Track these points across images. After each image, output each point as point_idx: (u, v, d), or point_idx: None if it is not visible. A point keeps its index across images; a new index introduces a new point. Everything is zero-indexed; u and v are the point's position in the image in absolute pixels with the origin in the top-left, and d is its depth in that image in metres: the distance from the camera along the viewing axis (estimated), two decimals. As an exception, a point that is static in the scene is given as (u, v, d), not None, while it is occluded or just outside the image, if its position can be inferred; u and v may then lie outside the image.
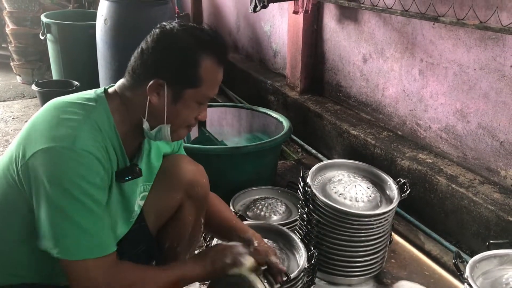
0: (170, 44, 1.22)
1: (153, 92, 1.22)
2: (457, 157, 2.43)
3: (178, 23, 1.26)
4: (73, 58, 3.87)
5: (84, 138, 1.14)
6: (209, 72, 1.25)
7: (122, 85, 1.28)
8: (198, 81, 1.24)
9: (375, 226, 1.88)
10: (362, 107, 3.06)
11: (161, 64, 1.22)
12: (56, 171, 1.11)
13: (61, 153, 1.12)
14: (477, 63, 2.23)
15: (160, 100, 1.23)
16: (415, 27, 2.53)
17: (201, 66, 1.23)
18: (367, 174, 2.12)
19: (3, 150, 3.19)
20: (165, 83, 1.22)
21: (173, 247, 1.56)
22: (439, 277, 2.07)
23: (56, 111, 1.20)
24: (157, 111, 1.25)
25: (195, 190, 1.54)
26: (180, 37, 1.23)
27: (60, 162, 1.11)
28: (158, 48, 1.22)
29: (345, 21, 3.07)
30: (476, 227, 2.15)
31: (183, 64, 1.22)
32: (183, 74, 1.23)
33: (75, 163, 1.12)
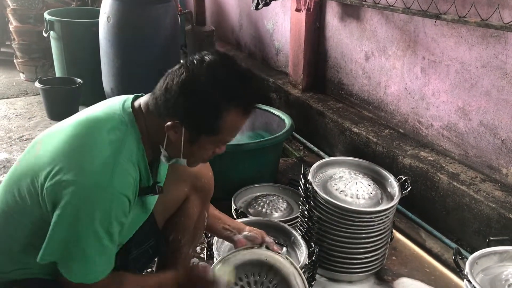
0: (193, 92, 1.18)
1: (170, 130, 1.21)
2: (458, 155, 2.43)
3: (208, 63, 1.18)
4: (76, 56, 3.88)
5: (120, 177, 1.17)
6: (231, 122, 1.21)
7: (146, 106, 1.26)
8: (218, 131, 1.21)
9: (375, 223, 1.89)
10: (364, 105, 3.06)
11: (182, 110, 1.19)
12: (87, 206, 1.14)
13: (95, 191, 1.15)
14: (479, 61, 2.23)
15: (177, 138, 1.23)
16: (417, 25, 2.53)
17: (223, 118, 1.19)
18: (368, 172, 2.13)
19: (6, 147, 3.21)
20: (182, 126, 1.20)
21: (177, 240, 1.59)
22: (440, 274, 2.08)
23: (90, 136, 1.21)
24: (174, 146, 1.25)
25: (201, 183, 1.58)
26: (204, 85, 1.17)
27: (92, 199, 1.15)
28: (180, 93, 1.18)
29: (347, 18, 3.07)
30: (477, 225, 2.15)
31: (203, 114, 1.19)
32: (202, 123, 1.20)
33: (107, 204, 1.16)
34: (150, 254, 1.57)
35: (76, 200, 1.14)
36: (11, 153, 3.12)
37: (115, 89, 3.51)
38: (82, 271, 1.19)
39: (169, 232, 1.60)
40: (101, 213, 1.15)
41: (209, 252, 1.90)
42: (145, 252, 1.55)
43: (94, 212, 1.14)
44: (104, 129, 1.22)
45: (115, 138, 1.20)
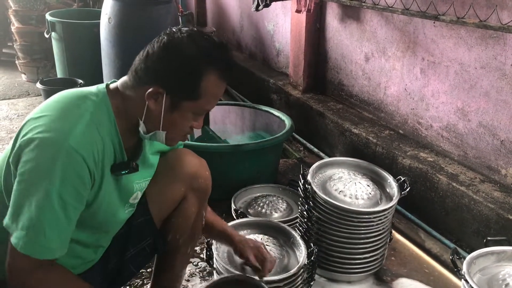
0: (175, 54, 1.21)
1: (151, 98, 1.22)
2: (458, 156, 2.43)
3: (187, 32, 1.24)
4: (77, 56, 3.90)
5: (77, 137, 1.15)
6: (210, 87, 1.24)
7: (124, 83, 1.29)
8: (198, 95, 1.23)
9: (374, 223, 1.89)
10: (364, 105, 3.07)
11: (163, 73, 1.21)
12: (40, 161, 1.12)
13: (49, 145, 1.13)
14: (478, 62, 2.23)
15: (158, 107, 1.23)
16: (416, 26, 2.54)
17: (202, 80, 1.22)
18: (368, 172, 2.13)
19: (8, 147, 3.22)
20: (164, 92, 1.21)
21: (175, 239, 1.59)
22: (439, 274, 2.08)
23: (57, 103, 1.22)
24: (153, 116, 1.25)
25: (198, 182, 1.57)
26: (186, 48, 1.21)
27: (45, 154, 1.13)
28: (162, 56, 1.20)
29: (347, 20, 3.08)
30: (476, 225, 2.16)
31: (184, 77, 1.21)
32: (183, 86, 1.22)
33: (59, 160, 1.12)
34: (147, 253, 1.58)
35: (31, 155, 1.12)
36: (12, 153, 3.14)
37: (116, 90, 3.53)
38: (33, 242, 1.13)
39: (167, 232, 1.59)
40: (53, 170, 1.11)
41: (208, 252, 1.90)
42: (142, 250, 1.55)
43: (45, 168, 1.12)
44: (74, 98, 1.23)
45: (81, 103, 1.21)
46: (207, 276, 2.02)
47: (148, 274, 1.98)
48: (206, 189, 1.62)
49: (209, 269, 2.04)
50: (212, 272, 1.99)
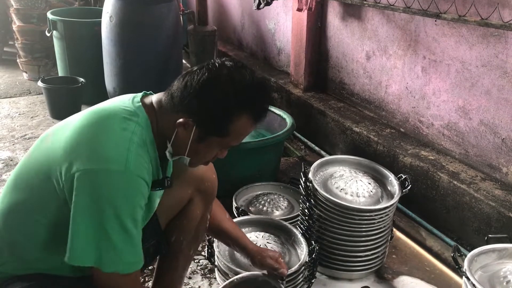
0: (211, 93, 1.22)
1: (181, 127, 1.25)
2: (459, 154, 2.44)
3: (228, 68, 1.24)
4: (78, 55, 3.90)
5: (135, 161, 1.18)
6: (241, 127, 1.26)
7: (159, 102, 1.30)
8: (227, 134, 1.25)
9: (376, 221, 1.90)
10: (365, 104, 3.07)
11: (197, 107, 1.22)
12: (106, 192, 1.15)
13: (112, 176, 1.16)
14: (480, 60, 2.24)
15: (186, 136, 1.26)
16: (418, 25, 2.54)
17: (234, 122, 1.24)
18: (369, 170, 2.14)
19: (9, 146, 3.23)
20: (194, 124, 1.24)
21: (179, 241, 1.59)
22: (439, 272, 2.08)
23: (102, 125, 1.23)
24: (180, 143, 1.28)
25: (204, 185, 1.58)
26: (222, 87, 1.22)
27: (111, 185, 1.15)
28: (198, 91, 1.22)
29: (348, 18, 3.09)
30: (477, 224, 2.16)
31: (216, 115, 1.23)
32: (213, 123, 1.24)
33: (125, 188, 1.17)
34: (151, 253, 1.58)
35: (94, 188, 1.15)
36: (14, 151, 3.14)
37: (117, 88, 3.53)
38: (113, 260, 1.18)
39: (171, 233, 1.60)
40: (122, 198, 1.16)
41: (210, 250, 1.91)
42: (146, 251, 1.55)
43: (114, 198, 1.15)
44: (115, 118, 1.24)
45: (127, 126, 1.22)
46: (209, 274, 2.03)
47: (150, 272, 1.99)
48: (212, 192, 1.63)
49: (211, 266, 2.04)
50: (214, 270, 1.99)
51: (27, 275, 1.29)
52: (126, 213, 1.17)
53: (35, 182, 1.25)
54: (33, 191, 1.25)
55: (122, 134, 1.21)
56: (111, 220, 1.16)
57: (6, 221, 1.29)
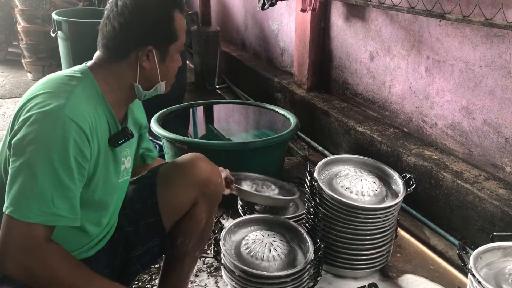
0: (144, 10, 1.28)
1: (144, 60, 1.30)
2: (462, 154, 2.45)
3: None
4: (83, 55, 3.82)
5: (71, 107, 1.18)
6: (180, 23, 1.34)
7: (101, 58, 1.33)
8: (176, 34, 1.34)
9: (381, 219, 1.91)
10: (369, 104, 3.09)
11: (144, 32, 1.29)
12: (39, 134, 1.13)
13: (44, 117, 1.14)
14: (483, 61, 2.25)
15: (151, 63, 1.32)
16: (421, 25, 2.56)
17: (175, 20, 1.32)
18: (373, 169, 2.15)
19: (15, 145, 3.25)
20: (152, 48, 1.30)
21: (185, 244, 1.59)
22: (444, 271, 2.10)
23: (51, 82, 1.25)
24: (149, 74, 1.34)
25: (209, 189, 1.57)
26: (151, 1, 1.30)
27: (44, 127, 1.14)
28: (134, 17, 1.27)
29: (352, 19, 3.10)
30: (481, 222, 2.17)
31: (162, 25, 1.31)
32: (164, 34, 1.32)
33: (59, 130, 1.14)
34: (155, 253, 1.59)
35: (28, 129, 1.13)
36: (19, 151, 3.16)
37: (122, 89, 3.55)
38: (38, 208, 1.10)
39: (176, 236, 1.60)
40: (54, 140, 1.13)
41: (216, 247, 1.93)
42: (150, 250, 1.57)
43: (46, 140, 1.13)
44: (61, 77, 1.26)
45: (69, 82, 1.24)
46: (215, 272, 2.04)
47: (156, 270, 2.01)
48: (217, 196, 1.63)
49: (217, 264, 2.06)
50: (220, 268, 2.01)
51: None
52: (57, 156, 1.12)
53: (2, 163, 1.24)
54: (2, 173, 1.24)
55: (64, 86, 1.22)
56: (40, 161, 1.11)
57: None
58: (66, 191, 1.15)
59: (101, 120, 1.27)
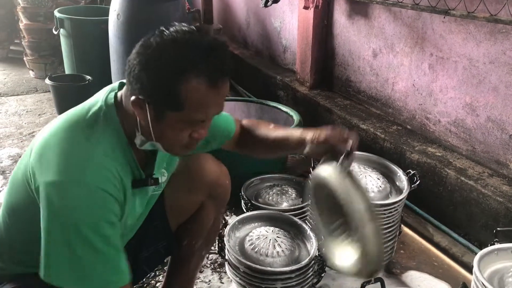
0: (154, 61, 1.07)
1: (136, 107, 1.11)
2: (466, 151, 2.45)
3: (172, 36, 1.08)
4: (85, 53, 3.92)
5: (95, 172, 1.08)
6: (195, 95, 1.07)
7: (124, 91, 1.18)
8: (180, 105, 1.08)
9: (385, 215, 1.91)
10: (372, 101, 3.08)
11: (143, 80, 1.08)
12: (63, 207, 1.05)
13: (69, 189, 1.06)
14: (487, 57, 2.25)
15: (144, 115, 1.11)
16: (425, 22, 2.55)
17: (181, 89, 1.06)
18: (377, 166, 2.15)
19: (18, 143, 3.25)
20: (146, 101, 1.09)
21: (191, 245, 1.59)
22: (447, 267, 2.10)
23: (66, 135, 1.14)
24: (145, 127, 1.15)
25: (217, 191, 1.56)
26: (162, 53, 1.07)
27: (68, 198, 1.06)
28: (143, 62, 1.08)
29: (355, 16, 3.10)
30: (485, 219, 2.17)
31: (161, 85, 1.07)
32: (161, 96, 1.08)
33: (85, 200, 1.06)
34: (161, 254, 1.58)
35: (52, 202, 1.06)
36: (22, 148, 3.17)
37: (124, 86, 3.55)
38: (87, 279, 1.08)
39: (183, 237, 1.60)
40: (83, 212, 1.05)
41: (220, 243, 1.92)
42: (156, 251, 1.56)
43: (74, 213, 1.05)
44: (81, 126, 1.15)
45: (91, 135, 1.13)
46: (219, 268, 2.04)
47: (160, 266, 2.01)
48: (225, 198, 1.62)
49: (221, 260, 2.06)
50: (223, 264, 2.01)
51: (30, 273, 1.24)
52: (88, 229, 1.05)
53: (20, 188, 1.20)
54: (20, 194, 1.21)
55: (85, 144, 1.11)
56: (74, 237, 1.05)
57: (6, 222, 1.26)
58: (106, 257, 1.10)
59: (124, 168, 1.17)
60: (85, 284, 1.08)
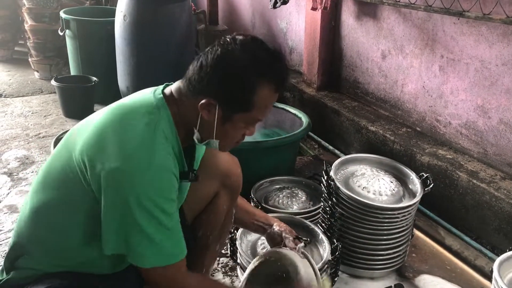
0: (228, 68, 1.19)
1: (204, 109, 1.22)
2: (477, 153, 2.43)
3: (241, 41, 1.22)
4: (91, 54, 3.91)
5: (159, 154, 1.18)
6: (264, 99, 1.22)
7: (178, 90, 1.28)
8: (251, 107, 1.21)
9: (399, 219, 1.89)
10: (380, 103, 3.07)
11: (216, 85, 1.20)
12: (134, 190, 1.14)
13: (139, 173, 1.14)
14: (500, 59, 2.23)
15: (211, 118, 1.23)
16: (435, 24, 2.54)
17: (256, 93, 1.20)
18: (389, 169, 2.13)
19: (24, 144, 3.23)
20: (217, 104, 1.20)
21: (206, 236, 1.59)
22: (460, 271, 2.08)
23: (124, 121, 1.22)
24: (207, 126, 1.26)
25: (230, 180, 1.58)
26: (240, 61, 1.19)
27: (138, 182, 1.14)
28: (216, 69, 1.19)
29: (363, 17, 3.08)
30: (497, 222, 2.15)
31: (237, 90, 1.20)
32: (235, 99, 1.21)
33: (153, 182, 1.16)
34: None
35: (122, 187, 1.14)
36: (29, 150, 3.15)
37: (130, 88, 3.54)
38: (154, 253, 1.19)
39: (197, 228, 1.60)
40: (151, 192, 1.15)
41: (232, 247, 1.91)
42: None
43: (142, 194, 1.14)
44: (137, 113, 1.23)
45: (149, 121, 1.21)
46: (230, 272, 2.02)
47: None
48: (238, 187, 1.63)
49: (231, 264, 2.04)
50: (235, 268, 1.99)
51: (58, 273, 1.29)
52: (159, 208, 1.16)
53: (64, 180, 1.25)
54: (62, 189, 1.26)
55: (145, 129, 1.19)
56: (144, 216, 1.15)
57: (38, 218, 1.29)
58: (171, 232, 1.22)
59: (175, 156, 1.26)
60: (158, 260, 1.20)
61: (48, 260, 1.30)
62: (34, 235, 1.30)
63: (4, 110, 3.83)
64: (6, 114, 3.75)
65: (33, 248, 1.31)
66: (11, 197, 2.58)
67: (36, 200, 1.30)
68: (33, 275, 1.30)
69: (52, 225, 1.28)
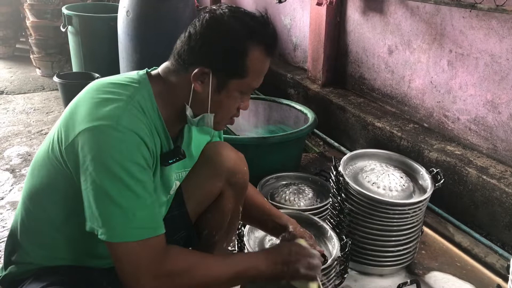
0: (219, 31, 1.17)
1: (197, 80, 1.18)
2: (487, 149, 2.40)
3: (228, 8, 1.20)
4: (93, 50, 3.88)
5: (128, 118, 1.11)
6: (257, 62, 1.19)
7: (166, 69, 1.24)
8: (245, 72, 1.18)
9: (409, 215, 1.86)
10: (387, 99, 3.03)
11: (208, 52, 1.16)
12: (100, 150, 1.07)
13: (105, 132, 1.08)
14: (510, 53, 2.20)
15: (204, 88, 1.19)
16: (444, 18, 2.50)
17: (249, 56, 1.17)
18: (399, 164, 2.10)
19: (26, 141, 3.20)
20: (210, 72, 1.17)
21: (212, 235, 1.54)
22: (471, 268, 2.05)
23: (99, 92, 1.17)
24: (200, 99, 1.21)
25: (236, 178, 1.52)
26: (230, 24, 1.17)
27: (104, 141, 1.08)
28: (206, 34, 1.16)
29: (369, 12, 3.05)
30: (508, 219, 2.12)
31: (231, 54, 1.17)
32: (230, 63, 1.18)
33: (118, 142, 1.08)
34: (181, 245, 1.54)
35: (88, 147, 1.08)
36: (31, 146, 3.12)
37: (133, 84, 3.50)
38: (122, 226, 1.07)
39: (203, 227, 1.55)
40: (114, 152, 1.07)
41: (239, 244, 1.87)
42: (176, 242, 1.52)
43: (106, 154, 1.07)
44: (114, 85, 1.18)
45: (125, 91, 1.16)
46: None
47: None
48: (244, 184, 1.57)
49: (239, 261, 2.00)
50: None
51: (56, 267, 1.25)
52: (126, 172, 1.07)
53: (44, 164, 1.20)
54: (43, 173, 1.21)
55: (119, 98, 1.14)
56: (109, 179, 1.06)
57: (28, 209, 1.26)
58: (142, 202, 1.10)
59: (154, 135, 1.19)
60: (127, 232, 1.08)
61: (43, 253, 1.26)
62: (24, 226, 1.27)
63: (6, 107, 3.79)
64: (8, 111, 3.72)
65: (24, 240, 1.27)
66: (13, 193, 2.55)
67: (24, 190, 1.27)
68: (31, 269, 1.26)
69: (39, 213, 1.24)
